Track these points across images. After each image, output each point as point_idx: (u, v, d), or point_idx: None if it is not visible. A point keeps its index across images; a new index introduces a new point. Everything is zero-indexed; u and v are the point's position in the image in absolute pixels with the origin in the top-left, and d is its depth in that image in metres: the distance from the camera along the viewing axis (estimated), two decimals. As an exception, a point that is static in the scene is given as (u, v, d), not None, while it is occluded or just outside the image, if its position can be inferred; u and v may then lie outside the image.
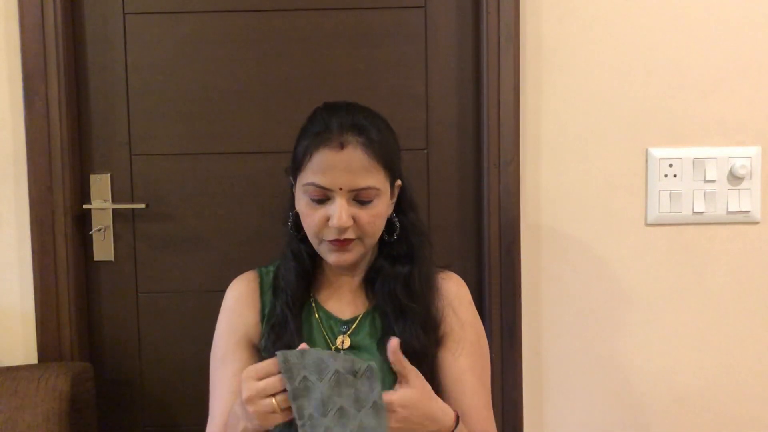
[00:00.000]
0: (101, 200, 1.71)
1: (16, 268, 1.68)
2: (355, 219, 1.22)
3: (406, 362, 1.09)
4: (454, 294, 1.34)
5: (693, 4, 1.65)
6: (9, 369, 1.58)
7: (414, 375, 1.10)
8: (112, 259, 1.73)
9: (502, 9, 1.63)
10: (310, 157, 1.22)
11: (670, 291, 1.69)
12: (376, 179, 1.23)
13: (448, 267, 1.41)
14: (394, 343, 1.09)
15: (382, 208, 1.25)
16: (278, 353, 1.05)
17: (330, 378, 1.03)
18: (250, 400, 1.04)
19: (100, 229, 1.72)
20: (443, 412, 1.13)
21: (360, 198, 1.22)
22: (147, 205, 1.70)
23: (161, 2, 1.69)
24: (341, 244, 1.24)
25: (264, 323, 1.32)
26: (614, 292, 1.69)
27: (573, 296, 1.69)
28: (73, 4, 1.68)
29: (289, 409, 1.04)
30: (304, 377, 1.03)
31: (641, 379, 1.71)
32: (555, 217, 1.68)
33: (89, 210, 1.71)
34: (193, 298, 1.72)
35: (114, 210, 1.72)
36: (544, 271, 1.69)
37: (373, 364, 1.06)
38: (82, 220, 1.72)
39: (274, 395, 1.04)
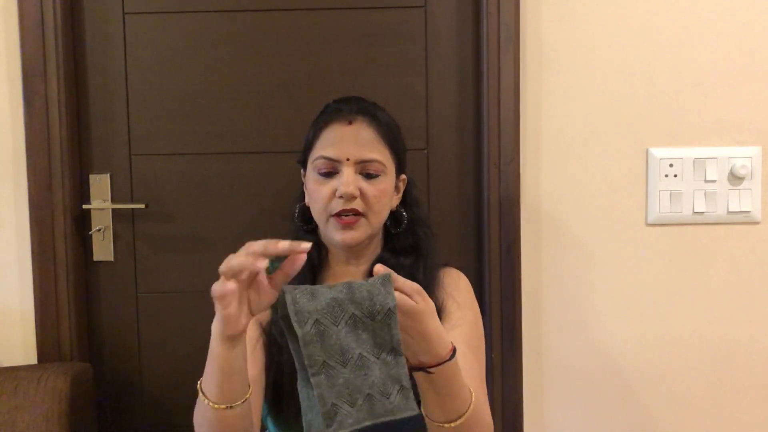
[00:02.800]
0: (101, 200, 1.71)
1: (16, 268, 1.68)
2: (361, 192, 1.26)
3: (406, 282, 0.99)
4: (454, 283, 1.36)
5: (693, 4, 1.65)
6: (9, 369, 1.58)
7: (417, 292, 1.00)
8: (112, 259, 1.73)
9: (502, 9, 1.63)
10: (320, 133, 1.29)
11: (670, 291, 1.69)
12: (382, 155, 1.28)
13: (448, 264, 1.42)
14: (379, 268, 0.99)
15: (387, 185, 1.30)
16: (286, 293, 0.95)
17: (347, 321, 0.95)
18: (222, 270, 0.97)
19: (99, 229, 1.71)
20: (439, 336, 1.02)
21: (366, 170, 1.27)
22: (147, 205, 1.70)
23: (161, 2, 1.69)
24: (348, 221, 1.26)
25: (271, 308, 1.31)
26: (614, 291, 1.69)
27: (573, 296, 1.69)
28: (73, 4, 1.68)
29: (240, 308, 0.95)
30: (317, 321, 0.94)
31: (641, 378, 1.70)
32: (555, 217, 1.68)
33: (89, 210, 1.71)
34: (193, 298, 1.72)
35: (114, 210, 1.72)
36: (544, 271, 1.69)
37: (392, 300, 0.95)
38: (82, 220, 1.72)
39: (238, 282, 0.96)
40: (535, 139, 1.67)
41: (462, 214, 1.73)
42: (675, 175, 1.66)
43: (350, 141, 1.27)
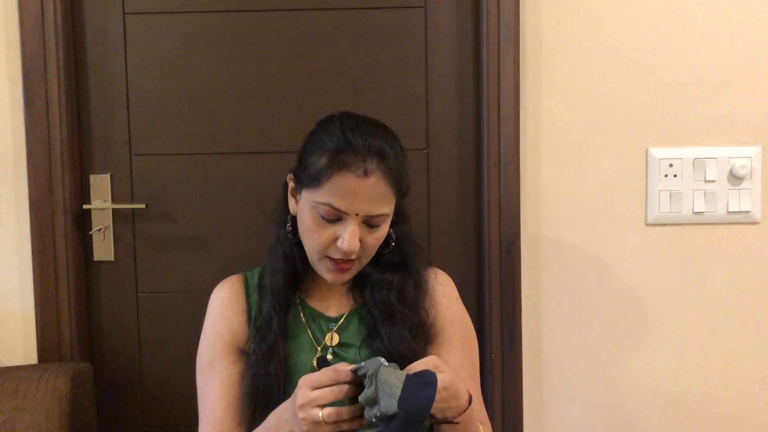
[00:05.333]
0: (101, 200, 1.71)
1: (16, 268, 1.68)
2: (361, 241, 1.23)
3: (421, 363, 1.11)
4: (442, 292, 1.36)
5: (693, 4, 1.65)
6: (9, 369, 1.58)
7: (440, 362, 1.12)
8: (112, 259, 1.73)
9: (502, 9, 1.63)
10: (330, 177, 1.20)
11: (670, 291, 1.69)
12: (389, 206, 1.25)
13: (433, 263, 1.42)
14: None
15: (385, 229, 1.27)
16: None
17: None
18: (302, 407, 1.07)
19: (100, 229, 1.71)
20: (461, 391, 1.14)
21: (370, 222, 1.23)
22: (147, 205, 1.70)
23: (161, 2, 1.69)
24: (343, 266, 1.25)
25: (251, 325, 1.32)
26: (614, 291, 1.69)
27: (573, 296, 1.69)
28: (73, 4, 1.68)
29: (335, 423, 1.07)
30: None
31: (641, 378, 1.71)
32: (555, 216, 1.68)
33: (89, 210, 1.71)
34: (193, 298, 1.72)
35: (114, 210, 1.72)
36: (544, 271, 1.69)
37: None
38: (82, 220, 1.72)
39: (322, 406, 1.07)
40: (535, 139, 1.67)
41: (462, 214, 1.73)
42: (675, 175, 1.66)
43: (362, 196, 1.20)
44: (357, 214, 1.21)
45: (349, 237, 1.20)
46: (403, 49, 1.70)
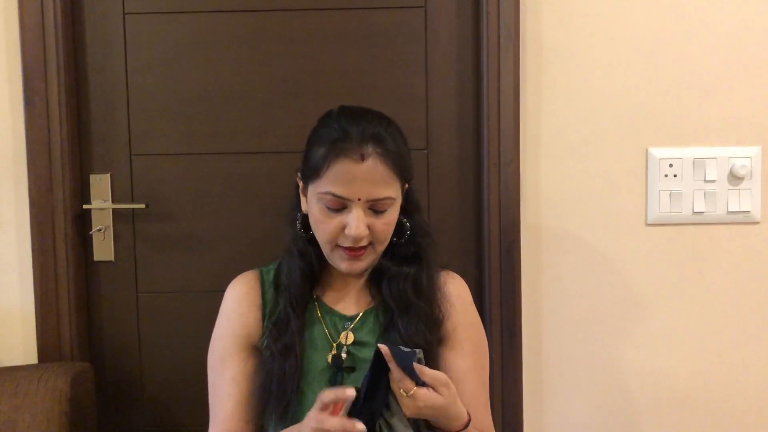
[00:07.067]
0: (101, 200, 1.71)
1: (16, 268, 1.68)
2: (369, 227, 1.23)
3: (432, 373, 1.11)
4: (457, 295, 1.36)
5: (693, 4, 1.65)
6: (9, 369, 1.58)
7: (444, 384, 1.12)
8: (112, 259, 1.73)
9: (502, 9, 1.63)
10: (329, 166, 1.21)
11: (670, 291, 1.69)
12: (393, 189, 1.24)
13: (448, 266, 1.42)
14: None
15: (394, 215, 1.27)
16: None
17: None
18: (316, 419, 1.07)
19: (100, 229, 1.72)
20: (457, 414, 1.16)
21: (376, 207, 1.23)
22: (147, 205, 1.70)
23: (161, 2, 1.69)
24: (355, 253, 1.25)
25: (266, 321, 1.32)
26: (614, 291, 1.69)
27: (573, 296, 1.69)
28: (73, 4, 1.68)
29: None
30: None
31: (641, 378, 1.71)
32: (555, 217, 1.68)
33: (89, 210, 1.71)
34: (193, 298, 1.72)
35: (114, 210, 1.72)
36: (544, 271, 1.69)
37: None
38: (82, 220, 1.72)
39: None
40: (535, 139, 1.67)
41: (462, 214, 1.73)
42: (675, 175, 1.66)
43: (362, 180, 1.20)
44: (360, 199, 1.21)
45: (354, 223, 1.21)
46: (403, 49, 1.70)
